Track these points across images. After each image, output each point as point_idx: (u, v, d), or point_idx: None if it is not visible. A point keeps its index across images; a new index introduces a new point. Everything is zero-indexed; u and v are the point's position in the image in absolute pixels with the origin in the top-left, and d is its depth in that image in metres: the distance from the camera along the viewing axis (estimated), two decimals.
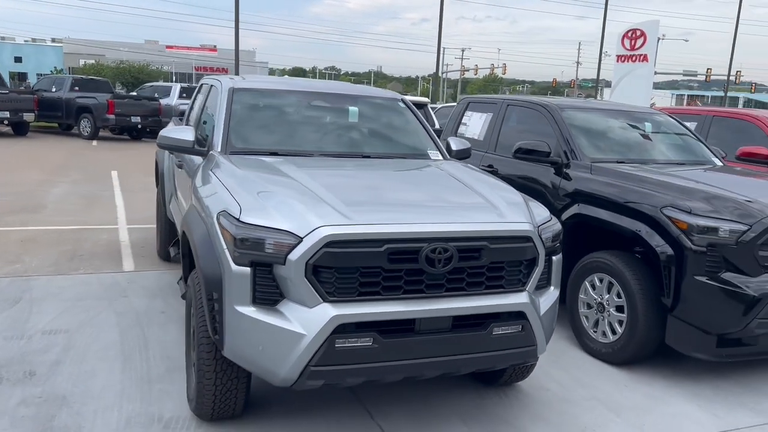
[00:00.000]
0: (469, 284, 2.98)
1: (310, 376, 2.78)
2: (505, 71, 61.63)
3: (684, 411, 3.79)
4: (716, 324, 3.92)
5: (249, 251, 2.81)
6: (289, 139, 4.16)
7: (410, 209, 3.11)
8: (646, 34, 29.46)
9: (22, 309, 4.82)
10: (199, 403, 3.20)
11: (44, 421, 3.26)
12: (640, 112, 5.87)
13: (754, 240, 3.85)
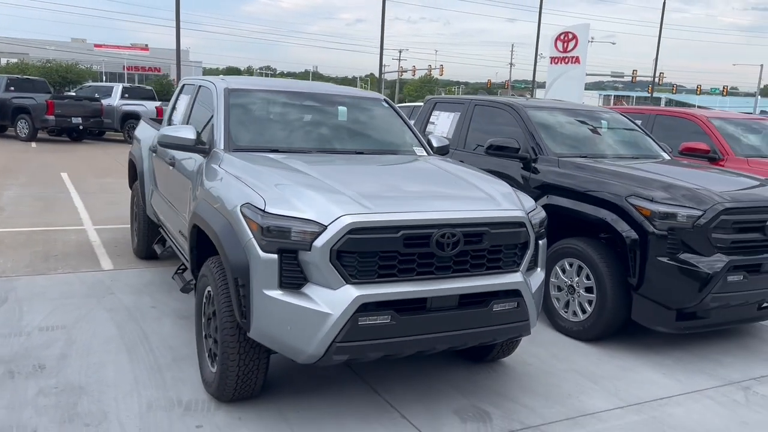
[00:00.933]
0: (472, 266, 3.31)
1: (336, 351, 3.04)
2: (442, 72, 62.70)
3: (651, 378, 4.23)
4: (676, 300, 4.39)
5: (276, 239, 3.05)
6: (286, 136, 4.39)
7: (419, 199, 3.41)
8: (578, 37, 30.74)
9: (11, 308, 4.85)
10: (221, 384, 3.40)
11: (67, 409, 3.40)
12: (596, 111, 6.37)
13: (707, 224, 4.34)
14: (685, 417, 3.71)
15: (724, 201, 4.41)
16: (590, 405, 3.78)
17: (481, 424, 3.48)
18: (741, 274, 4.41)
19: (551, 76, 31.52)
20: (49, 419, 3.28)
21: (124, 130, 20.52)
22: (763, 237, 4.52)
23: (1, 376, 3.73)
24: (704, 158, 6.64)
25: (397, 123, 4.94)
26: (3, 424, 3.21)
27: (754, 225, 4.50)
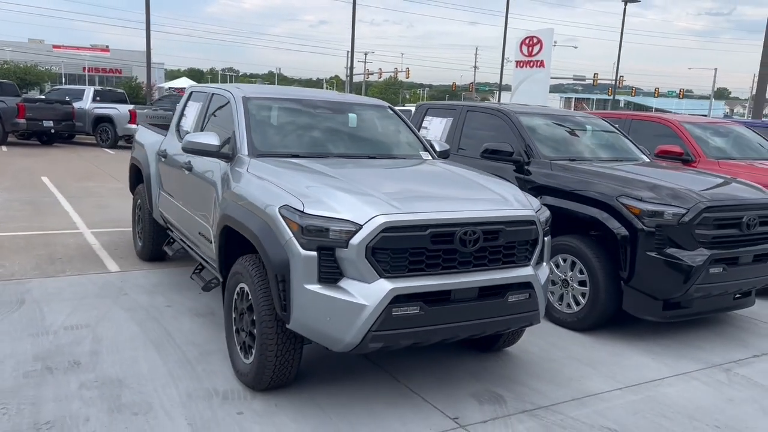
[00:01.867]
0: (490, 260, 3.63)
1: (372, 339, 3.33)
2: (408, 75, 63.26)
3: (642, 362, 4.62)
4: (663, 291, 4.79)
5: (315, 238, 3.33)
6: (303, 142, 4.65)
7: (442, 200, 3.72)
8: (542, 41, 31.49)
9: (31, 309, 5.01)
10: (258, 374, 3.66)
11: (112, 400, 3.61)
12: (581, 117, 6.78)
13: (691, 221, 4.75)
14: (677, 396, 4.09)
15: (706, 200, 4.83)
16: (592, 387, 4.14)
17: (497, 405, 3.80)
18: (721, 267, 4.83)
19: (517, 79, 32.21)
20: (98, 409, 3.49)
21: (97, 133, 20.40)
22: (740, 232, 4.96)
23: (41, 372, 3.91)
24: (678, 160, 7.09)
25: (403, 129, 5.24)
26: (56, 414, 3.41)
27: (732, 221, 4.93)
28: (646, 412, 3.84)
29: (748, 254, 5.01)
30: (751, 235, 5.03)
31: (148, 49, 25.62)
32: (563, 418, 3.69)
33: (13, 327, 4.61)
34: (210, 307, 5.27)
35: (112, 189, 11.45)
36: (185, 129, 5.60)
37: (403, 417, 3.60)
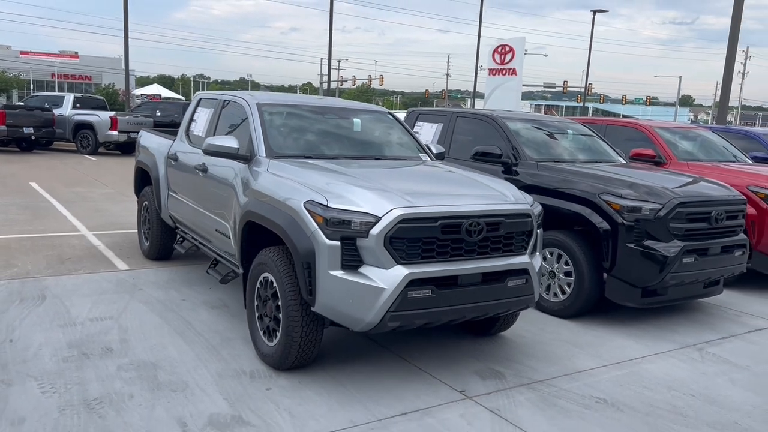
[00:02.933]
0: (491, 249, 4.07)
1: (390, 319, 3.73)
2: (382, 82, 63.79)
3: (624, 344, 5.09)
4: (642, 279, 5.27)
5: (338, 229, 3.73)
6: (314, 145, 5.04)
7: (450, 196, 4.14)
8: (514, 49, 32.28)
9: (54, 303, 5.30)
10: (284, 354, 4.03)
11: (150, 380, 3.95)
12: (562, 122, 7.27)
13: (666, 215, 5.25)
14: (657, 371, 4.56)
15: (678, 196, 5.34)
16: (580, 364, 4.59)
17: (498, 380, 4.23)
18: (693, 257, 5.34)
19: (489, 87, 32.93)
20: (139, 387, 3.83)
21: (77, 140, 20.45)
22: (709, 226, 5.48)
23: (78, 357, 4.23)
24: (651, 162, 7.62)
25: (402, 132, 5.67)
26: (101, 392, 3.74)
27: (702, 216, 5.45)
28: (630, 384, 4.30)
29: (717, 245, 5.53)
30: (719, 228, 5.55)
31: (126, 57, 25.71)
32: (557, 390, 4.13)
33: (41, 319, 4.90)
34: (222, 300, 5.61)
35: (103, 194, 11.67)
36: (196, 134, 5.95)
37: (415, 391, 4.00)
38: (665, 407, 3.98)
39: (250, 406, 3.67)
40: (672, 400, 4.09)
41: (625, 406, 3.95)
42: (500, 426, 3.61)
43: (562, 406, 3.91)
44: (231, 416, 3.54)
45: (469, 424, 3.61)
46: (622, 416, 3.82)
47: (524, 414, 3.77)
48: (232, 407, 3.65)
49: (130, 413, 3.51)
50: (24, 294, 5.49)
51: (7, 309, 5.08)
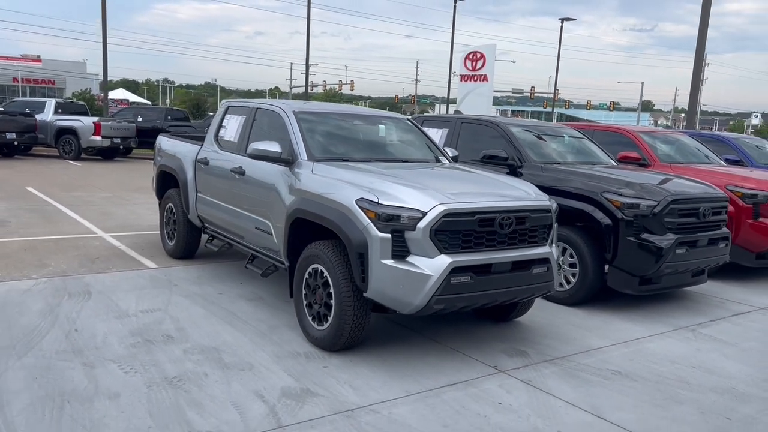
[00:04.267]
0: (519, 240, 4.60)
1: (435, 302, 4.22)
2: (353, 87, 64.32)
3: (626, 326, 5.67)
4: (640, 268, 5.87)
5: (389, 223, 4.22)
6: (348, 149, 5.53)
7: (483, 194, 4.66)
8: (485, 56, 33.09)
9: (101, 298, 5.67)
10: (336, 336, 4.49)
11: (217, 361, 4.38)
12: (558, 128, 7.88)
13: (661, 211, 5.86)
14: (658, 348, 5.15)
15: (671, 194, 5.96)
16: (592, 343, 5.16)
17: (524, 357, 4.76)
18: (685, 248, 5.96)
19: (462, 92, 33.67)
20: (210, 367, 4.26)
21: (60, 145, 20.49)
22: (698, 220, 6.11)
23: (144, 343, 4.63)
24: (636, 164, 8.27)
25: (422, 137, 6.19)
26: (177, 372, 4.16)
27: (692, 212, 6.08)
28: (637, 359, 4.88)
29: (704, 238, 6.17)
30: (706, 223, 6.20)
31: (104, 63, 25.71)
32: (576, 365, 4.68)
33: (96, 312, 5.28)
34: (255, 294, 6.05)
35: (103, 198, 11.92)
36: (226, 139, 6.37)
37: (454, 367, 4.50)
38: (671, 377, 4.55)
39: (314, 381, 4.13)
40: (676, 371, 4.68)
41: (638, 377, 4.52)
42: (535, 393, 4.14)
43: (584, 377, 4.46)
44: (300, 389, 4.00)
45: (508, 393, 4.13)
46: (636, 385, 4.38)
47: (553, 384, 4.31)
48: (299, 382, 4.11)
49: (210, 388, 3.95)
50: (70, 290, 5.84)
51: (60, 303, 5.44)
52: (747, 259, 7.49)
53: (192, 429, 3.42)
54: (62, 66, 72.86)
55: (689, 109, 17.10)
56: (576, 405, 3.99)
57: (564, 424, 3.72)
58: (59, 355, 4.32)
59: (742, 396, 4.30)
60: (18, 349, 4.38)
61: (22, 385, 3.83)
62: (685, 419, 3.89)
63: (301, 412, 3.69)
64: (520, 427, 3.67)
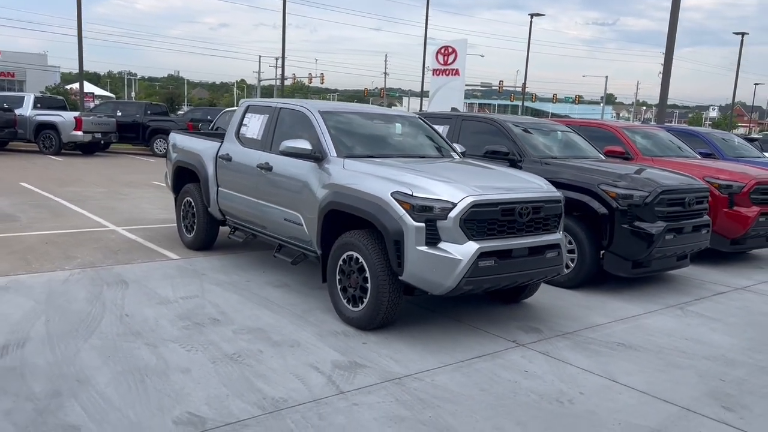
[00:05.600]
0: (534, 228, 5.14)
1: (465, 284, 4.73)
2: (323, 81, 64.44)
3: (622, 306, 6.27)
4: (633, 253, 6.46)
5: (423, 213, 4.70)
6: (372, 145, 5.99)
7: (504, 187, 5.17)
8: (457, 51, 33.70)
9: (138, 287, 6.03)
10: (372, 316, 4.97)
11: (267, 340, 4.82)
12: (551, 124, 8.45)
13: (651, 201, 6.46)
14: (653, 324, 5.75)
15: (660, 185, 6.57)
16: (595, 320, 5.73)
17: (537, 333, 5.31)
18: (672, 234, 6.58)
19: (434, 86, 34.24)
20: (262, 345, 4.70)
21: (39, 140, 20.46)
22: (683, 209, 6.74)
23: (193, 326, 5.04)
24: (621, 158, 8.89)
25: (434, 134, 6.68)
26: (234, 349, 4.59)
27: (679, 201, 6.70)
28: (637, 333, 5.46)
29: (689, 225, 6.81)
30: (690, 211, 6.83)
31: (80, 58, 25.55)
32: (585, 339, 5.24)
33: (139, 299, 5.66)
34: (281, 281, 6.48)
35: (100, 193, 12.15)
36: (248, 137, 6.76)
37: (478, 342, 5.02)
38: (669, 347, 5.15)
39: (359, 355, 4.61)
40: (672, 342, 5.28)
41: (640, 347, 5.10)
42: (554, 362, 4.68)
43: (593, 349, 5.02)
44: (348, 361, 4.47)
45: (531, 363, 4.66)
46: (639, 354, 4.96)
47: (568, 354, 4.86)
48: (345, 356, 4.58)
49: (268, 362, 4.39)
50: (105, 280, 6.19)
51: (101, 292, 5.80)
52: (723, 244, 8.18)
53: (265, 396, 3.87)
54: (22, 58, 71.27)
55: (660, 104, 17.93)
56: (591, 371, 4.55)
57: (584, 387, 4.27)
58: (121, 337, 4.71)
59: (732, 362, 4.92)
60: (81, 333, 4.75)
61: (99, 363, 4.22)
62: (686, 381, 4.47)
63: (356, 380, 4.17)
64: (547, 389, 4.20)
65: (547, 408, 3.93)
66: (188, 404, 3.71)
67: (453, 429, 3.58)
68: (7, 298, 5.48)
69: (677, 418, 3.89)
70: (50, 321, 4.97)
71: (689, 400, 4.16)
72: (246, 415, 3.62)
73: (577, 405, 3.99)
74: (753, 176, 8.43)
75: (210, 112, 27.78)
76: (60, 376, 3.99)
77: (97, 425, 3.41)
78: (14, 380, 3.90)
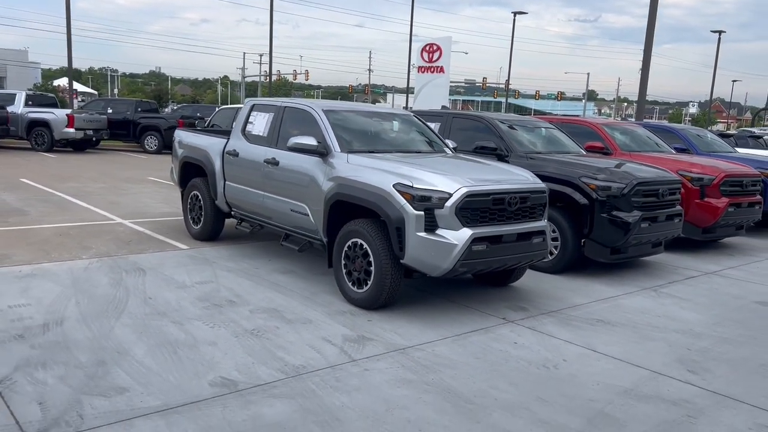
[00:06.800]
0: (522, 216, 5.68)
1: (460, 266, 5.25)
2: (308, 77, 64.77)
3: (601, 288, 6.84)
4: (611, 240, 7.03)
5: (422, 203, 5.22)
6: (371, 141, 6.50)
7: (495, 179, 5.69)
8: (442, 48, 34.26)
9: (156, 274, 6.49)
10: (376, 296, 5.48)
11: (281, 318, 5.32)
12: (535, 121, 9.01)
13: (628, 192, 7.03)
14: (629, 303, 6.33)
15: (636, 178, 7.14)
16: (577, 301, 6.29)
17: (524, 312, 5.86)
18: (647, 223, 7.16)
19: (419, 83, 34.80)
20: (278, 323, 5.20)
21: (31, 137, 20.69)
22: (657, 200, 7.32)
23: (212, 307, 5.52)
24: (600, 153, 9.47)
25: (427, 131, 7.21)
26: (253, 326, 5.08)
27: (653, 192, 7.28)
28: (614, 311, 6.03)
29: (663, 215, 7.39)
30: (664, 202, 7.42)
31: (69, 56, 25.73)
32: (567, 316, 5.80)
33: (158, 284, 6.11)
34: (287, 268, 6.97)
35: (100, 188, 12.54)
36: (255, 134, 7.23)
37: (471, 318, 5.56)
38: (643, 323, 5.72)
39: (365, 330, 5.12)
40: (646, 319, 5.85)
41: (617, 323, 5.67)
42: (540, 336, 5.23)
43: (575, 324, 5.58)
44: (357, 336, 4.99)
45: (519, 336, 5.21)
46: (617, 329, 5.53)
47: (552, 329, 5.41)
48: (353, 331, 5.09)
49: (286, 336, 4.89)
50: (123, 267, 6.64)
51: (122, 278, 6.26)
52: (695, 233, 8.79)
53: (287, 363, 4.37)
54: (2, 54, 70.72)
55: (639, 101, 18.61)
56: (573, 343, 5.10)
57: (567, 355, 4.82)
58: (149, 317, 5.18)
59: (698, 335, 5.50)
60: (111, 313, 5.22)
61: (134, 338, 4.70)
62: (657, 351, 5.04)
63: (365, 350, 4.69)
64: (534, 357, 4.75)
65: (535, 372, 4.47)
66: (220, 370, 4.20)
67: (454, 389, 4.11)
68: (36, 283, 5.92)
69: (648, 379, 4.45)
70: (80, 303, 5.42)
71: (659, 365, 4.73)
72: (272, 378, 4.12)
73: (561, 370, 4.54)
74: (723, 170, 9.05)
75: (200, 109, 28.23)
76: (101, 349, 4.46)
77: (143, 387, 3.90)
78: (61, 352, 4.37)
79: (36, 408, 3.56)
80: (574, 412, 3.88)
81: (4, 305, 5.25)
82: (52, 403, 3.63)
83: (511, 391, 4.13)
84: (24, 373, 3.99)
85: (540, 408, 3.91)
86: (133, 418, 3.51)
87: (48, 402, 3.64)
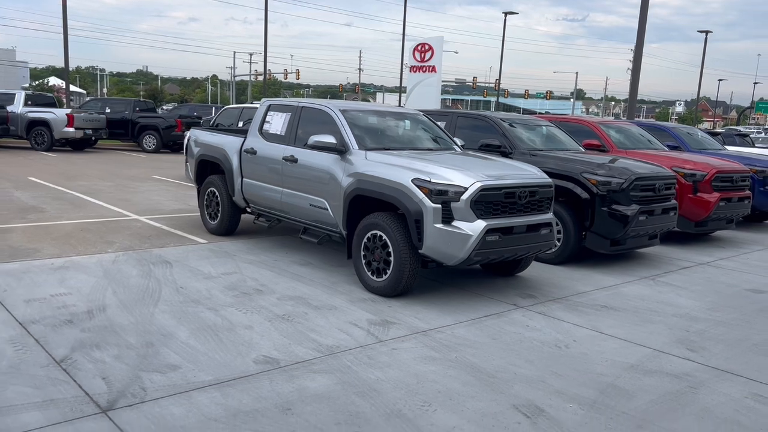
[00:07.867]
0: (531, 209, 6.08)
1: (475, 255, 5.64)
2: (298, 77, 64.95)
3: (602, 278, 7.25)
4: (611, 232, 7.45)
5: (439, 196, 5.60)
6: (386, 139, 6.86)
7: (506, 174, 6.07)
8: (434, 48, 34.59)
9: (181, 266, 6.83)
10: (394, 285, 5.85)
11: (308, 305, 5.67)
12: (536, 120, 9.41)
13: (627, 187, 7.45)
14: (629, 291, 6.74)
15: (635, 173, 7.56)
16: (581, 289, 6.70)
17: (533, 299, 6.25)
18: (645, 216, 7.58)
19: (411, 83, 35.13)
20: (305, 309, 5.56)
21: (31, 137, 20.88)
22: (654, 194, 7.74)
23: (241, 295, 5.87)
24: (598, 150, 9.89)
25: (437, 129, 7.59)
26: (281, 312, 5.44)
27: (650, 187, 7.71)
28: (616, 298, 6.44)
29: (659, 208, 7.82)
30: (660, 196, 7.84)
31: (66, 56, 25.90)
32: (573, 303, 6.20)
33: (185, 276, 6.46)
34: (305, 260, 7.33)
35: (109, 186, 12.82)
36: (272, 132, 7.58)
37: (484, 305, 5.94)
38: (644, 308, 6.13)
39: (388, 315, 5.50)
40: (646, 305, 6.26)
41: (620, 309, 6.07)
42: (550, 320, 5.63)
43: (581, 310, 5.98)
44: (380, 320, 5.36)
45: (530, 320, 5.60)
46: (619, 313, 5.93)
47: (561, 314, 5.81)
48: (376, 315, 5.46)
49: (314, 321, 5.26)
50: (149, 260, 6.97)
51: (151, 270, 6.59)
52: (688, 226, 9.24)
53: (320, 343, 4.74)
54: None
55: (630, 100, 19.09)
56: (581, 326, 5.50)
57: (576, 336, 5.22)
58: (184, 304, 5.52)
59: (695, 318, 5.92)
60: (148, 301, 5.56)
61: (175, 322, 5.05)
62: (658, 332, 5.45)
63: (390, 332, 5.06)
64: (546, 338, 5.14)
65: (548, 351, 4.87)
66: (260, 350, 4.56)
67: (476, 365, 4.49)
68: (71, 274, 6.25)
69: (651, 356, 4.86)
70: (117, 292, 5.75)
71: (661, 344, 5.13)
72: (309, 356, 4.49)
73: (572, 349, 4.94)
74: (714, 166, 9.50)
75: (196, 108, 28.45)
76: (146, 332, 4.80)
77: (193, 364, 4.25)
78: (110, 335, 4.71)
79: (101, 382, 3.90)
80: (587, 384, 4.28)
81: (47, 294, 5.57)
82: (114, 378, 3.98)
83: (528, 367, 4.51)
84: (82, 353, 4.33)
85: (556, 381, 4.30)
86: (190, 391, 3.86)
87: (110, 377, 3.98)
